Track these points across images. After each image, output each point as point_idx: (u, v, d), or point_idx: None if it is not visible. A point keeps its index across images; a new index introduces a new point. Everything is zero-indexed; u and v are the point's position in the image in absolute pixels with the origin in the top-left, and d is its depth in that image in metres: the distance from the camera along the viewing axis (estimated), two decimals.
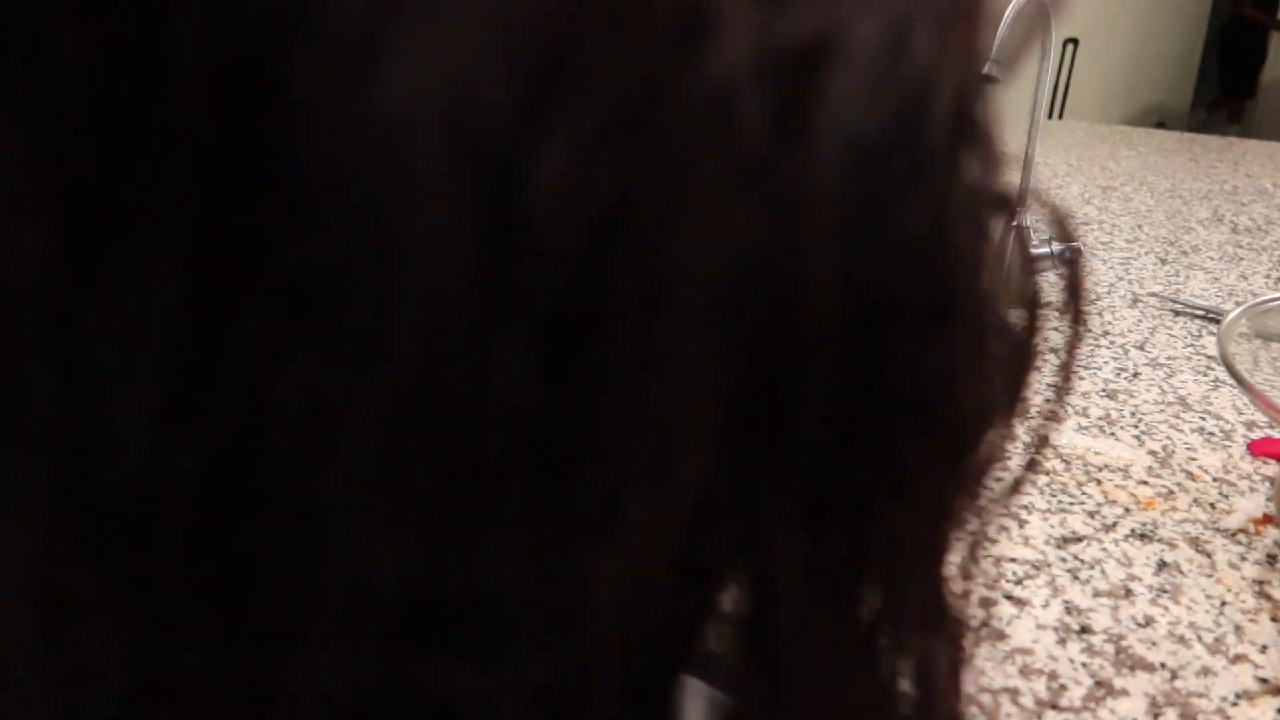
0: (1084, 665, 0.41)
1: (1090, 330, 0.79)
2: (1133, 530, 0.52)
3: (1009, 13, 0.77)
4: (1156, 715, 0.39)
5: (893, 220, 0.16)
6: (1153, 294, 0.90)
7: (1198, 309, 0.89)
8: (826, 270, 0.15)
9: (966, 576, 0.21)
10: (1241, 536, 0.52)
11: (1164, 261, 1.00)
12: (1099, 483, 0.57)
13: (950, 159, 0.16)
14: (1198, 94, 4.76)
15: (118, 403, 0.14)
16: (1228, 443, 0.63)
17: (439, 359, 0.14)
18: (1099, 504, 0.54)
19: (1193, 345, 0.81)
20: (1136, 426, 0.64)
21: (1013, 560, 0.48)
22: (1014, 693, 0.39)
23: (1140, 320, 0.84)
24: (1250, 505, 0.55)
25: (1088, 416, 0.66)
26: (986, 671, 0.41)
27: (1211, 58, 4.62)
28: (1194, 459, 0.60)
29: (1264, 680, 0.41)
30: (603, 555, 0.16)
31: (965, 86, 0.16)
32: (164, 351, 0.13)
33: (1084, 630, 0.43)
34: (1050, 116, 3.80)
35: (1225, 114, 4.52)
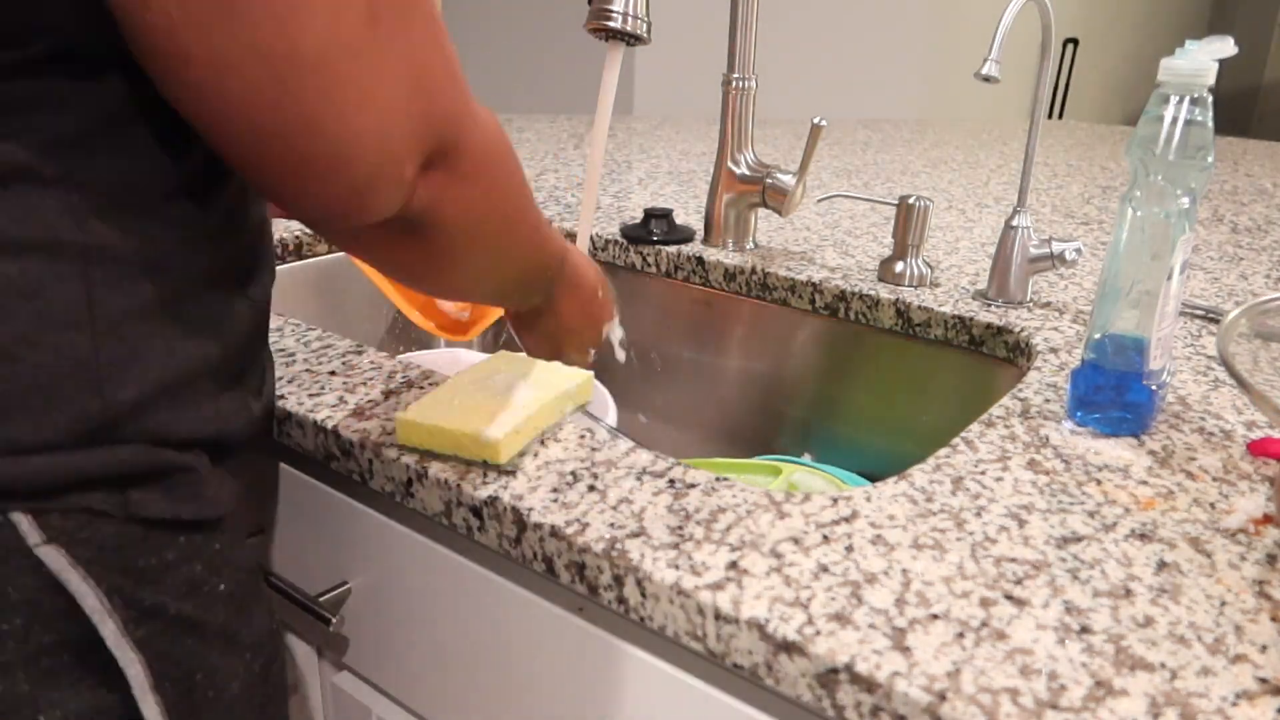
0: (1084, 665, 0.41)
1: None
2: (1133, 530, 0.52)
3: (1009, 13, 0.77)
4: (1156, 715, 0.39)
5: None
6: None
7: (1198, 309, 0.89)
8: None
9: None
10: (1241, 536, 0.52)
11: None
12: (1099, 483, 0.57)
13: None
14: None
15: None
16: (1228, 443, 0.63)
17: None
18: (1099, 504, 0.54)
19: (1193, 345, 0.81)
20: None
21: (1013, 560, 0.49)
22: (1014, 693, 0.39)
23: None
24: (1250, 505, 0.55)
25: None
26: (986, 671, 0.41)
27: None
28: (1194, 459, 0.60)
29: (1264, 680, 0.41)
30: None
31: None
32: None
33: (1084, 630, 0.43)
34: (1050, 116, 3.80)
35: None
